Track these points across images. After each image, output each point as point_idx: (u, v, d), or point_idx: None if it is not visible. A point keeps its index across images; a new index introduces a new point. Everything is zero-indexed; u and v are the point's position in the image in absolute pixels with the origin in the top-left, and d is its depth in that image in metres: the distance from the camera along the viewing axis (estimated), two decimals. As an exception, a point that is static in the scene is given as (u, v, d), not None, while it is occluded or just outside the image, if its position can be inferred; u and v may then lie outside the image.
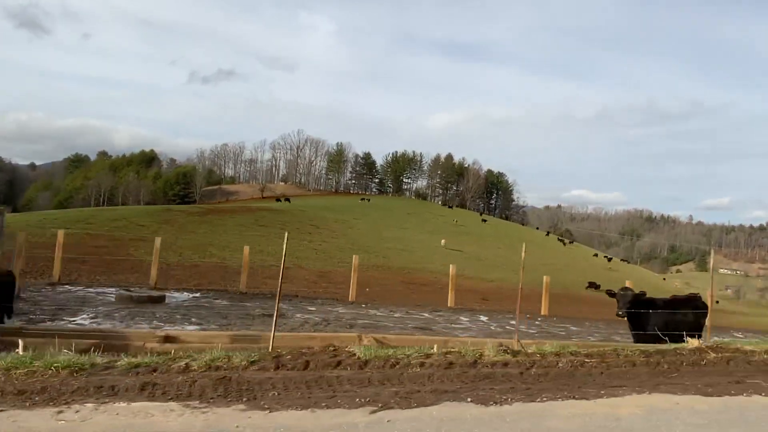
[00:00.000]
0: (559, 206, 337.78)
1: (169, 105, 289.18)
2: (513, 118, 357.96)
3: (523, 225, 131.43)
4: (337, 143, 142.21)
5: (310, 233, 47.78)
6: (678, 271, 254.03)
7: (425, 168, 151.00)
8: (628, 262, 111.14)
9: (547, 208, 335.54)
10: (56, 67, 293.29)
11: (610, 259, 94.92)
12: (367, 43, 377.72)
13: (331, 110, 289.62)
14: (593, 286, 61.92)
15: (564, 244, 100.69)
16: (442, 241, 63.77)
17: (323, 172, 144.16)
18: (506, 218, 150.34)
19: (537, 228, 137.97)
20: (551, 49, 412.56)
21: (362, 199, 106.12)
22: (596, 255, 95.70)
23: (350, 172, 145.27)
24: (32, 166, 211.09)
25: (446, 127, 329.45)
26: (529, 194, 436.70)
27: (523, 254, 9.12)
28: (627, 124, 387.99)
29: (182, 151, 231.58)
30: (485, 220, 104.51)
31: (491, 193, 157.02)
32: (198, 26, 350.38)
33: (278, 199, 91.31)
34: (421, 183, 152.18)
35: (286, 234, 8.19)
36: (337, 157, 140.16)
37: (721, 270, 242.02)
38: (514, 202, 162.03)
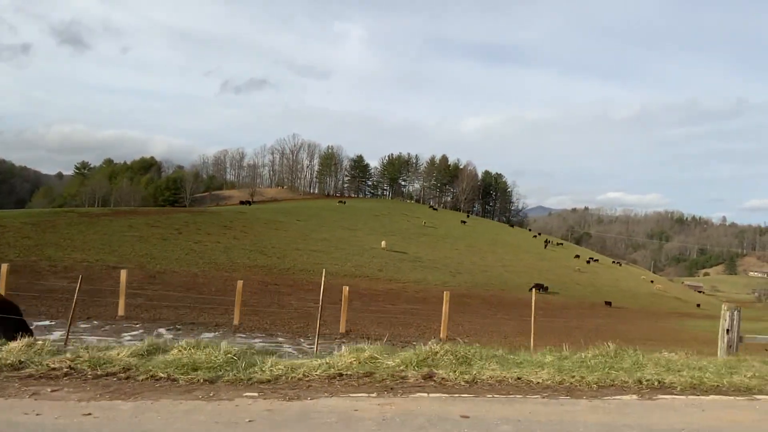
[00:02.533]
0: (586, 208, 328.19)
1: (202, 114, 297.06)
2: (548, 120, 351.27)
3: (512, 226, 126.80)
4: (328, 146, 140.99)
5: (210, 234, 46.23)
6: (706, 274, 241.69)
7: (421, 170, 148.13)
8: (620, 264, 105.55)
9: (573, 210, 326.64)
10: (97, 80, 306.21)
11: (590, 261, 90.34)
12: (399, 50, 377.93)
13: (359, 116, 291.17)
14: (539, 287, 58.34)
15: (545, 246, 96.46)
16: (382, 243, 61.37)
17: (315, 175, 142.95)
18: (507, 220, 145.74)
19: (529, 230, 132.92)
20: (587, 50, 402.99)
21: (339, 201, 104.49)
22: (578, 256, 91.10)
23: (344, 176, 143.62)
24: (59, 175, 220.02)
25: (479, 131, 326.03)
26: (562, 197, 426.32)
27: None
28: (666, 124, 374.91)
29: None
30: (464, 222, 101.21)
31: (489, 195, 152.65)
32: (232, 38, 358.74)
33: (242, 202, 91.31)
34: (416, 185, 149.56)
35: None
36: (327, 161, 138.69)
37: (752, 273, 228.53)
38: (513, 204, 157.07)
